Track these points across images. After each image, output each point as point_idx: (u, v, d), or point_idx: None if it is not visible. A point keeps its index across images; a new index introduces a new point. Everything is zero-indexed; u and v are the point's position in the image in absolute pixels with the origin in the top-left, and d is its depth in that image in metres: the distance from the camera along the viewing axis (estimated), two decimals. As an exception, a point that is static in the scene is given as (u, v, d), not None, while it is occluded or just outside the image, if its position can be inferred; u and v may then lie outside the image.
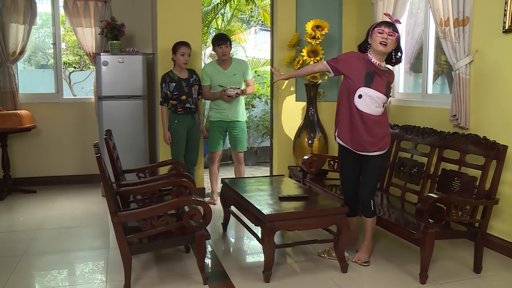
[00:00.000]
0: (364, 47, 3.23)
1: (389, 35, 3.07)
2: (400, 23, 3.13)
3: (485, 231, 3.17)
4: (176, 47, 4.57)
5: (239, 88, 4.69)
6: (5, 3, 5.26)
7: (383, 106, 3.16)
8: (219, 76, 4.77)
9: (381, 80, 3.12)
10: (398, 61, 3.28)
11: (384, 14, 3.50)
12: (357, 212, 3.41)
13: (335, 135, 3.35)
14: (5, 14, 5.27)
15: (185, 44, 4.58)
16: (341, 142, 3.28)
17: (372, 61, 3.15)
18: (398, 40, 3.15)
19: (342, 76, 3.30)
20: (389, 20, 3.17)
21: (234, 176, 5.03)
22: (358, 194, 3.32)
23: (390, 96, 3.40)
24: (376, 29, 3.11)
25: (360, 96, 3.10)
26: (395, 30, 3.10)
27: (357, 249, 3.43)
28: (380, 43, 3.07)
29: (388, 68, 3.30)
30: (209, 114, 5.04)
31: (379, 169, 3.29)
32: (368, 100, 3.10)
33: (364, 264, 3.28)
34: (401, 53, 3.26)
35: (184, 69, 4.66)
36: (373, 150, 3.16)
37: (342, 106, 3.23)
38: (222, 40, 4.72)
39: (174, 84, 4.56)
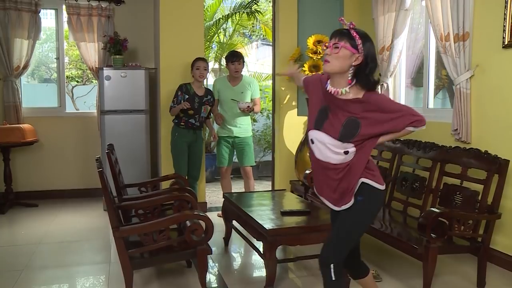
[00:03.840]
0: None
1: (334, 47, 2.12)
2: (353, 25, 2.14)
3: (488, 245, 3.15)
4: (193, 62, 4.65)
5: (251, 102, 4.79)
6: (11, 18, 5.33)
7: (347, 152, 2.17)
8: (227, 91, 4.85)
9: (336, 118, 2.17)
10: (363, 81, 2.14)
11: (338, 19, 2.36)
12: (362, 272, 2.47)
13: None
14: (10, 29, 5.33)
15: (201, 59, 4.67)
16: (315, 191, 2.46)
17: (327, 89, 2.20)
18: (361, 50, 2.10)
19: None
20: (345, 26, 2.17)
21: (244, 191, 5.03)
22: (354, 253, 2.40)
23: (361, 139, 2.16)
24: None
25: (312, 141, 2.27)
26: (344, 37, 2.11)
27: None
28: (324, 62, 2.17)
29: (367, 92, 2.16)
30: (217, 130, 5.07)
31: (351, 226, 2.27)
32: (321, 146, 2.23)
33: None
34: (370, 71, 2.13)
35: (202, 86, 4.73)
36: (339, 206, 2.27)
37: None
38: (235, 57, 4.82)
39: (187, 97, 4.60)
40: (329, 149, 2.19)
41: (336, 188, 2.24)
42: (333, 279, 2.20)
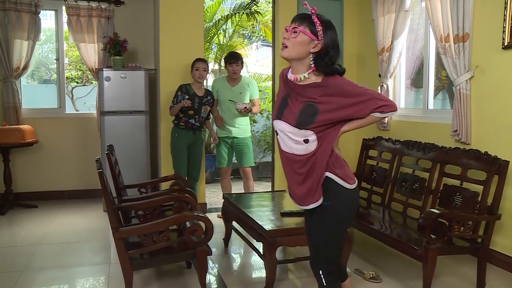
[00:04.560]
0: None
1: (292, 31, 2.03)
2: (315, 10, 2.07)
3: (487, 246, 3.15)
4: (193, 63, 4.66)
5: (248, 103, 4.80)
6: (11, 19, 5.33)
7: (307, 141, 2.04)
8: (225, 92, 4.86)
9: (295, 105, 2.07)
10: (321, 69, 2.02)
11: (302, 4, 2.19)
12: (341, 277, 2.40)
13: None
14: (10, 30, 5.33)
15: (200, 60, 4.68)
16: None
17: (288, 77, 2.14)
18: (321, 38, 2.00)
19: None
20: (307, 11, 2.08)
21: (243, 192, 5.03)
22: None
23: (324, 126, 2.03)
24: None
25: (277, 133, 2.18)
26: (305, 22, 2.03)
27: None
28: (282, 47, 2.09)
29: (326, 76, 2.04)
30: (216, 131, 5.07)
31: (327, 235, 2.16)
32: (284, 137, 2.12)
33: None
34: (330, 59, 2.01)
35: (201, 87, 4.73)
36: (306, 204, 2.15)
37: None
38: (233, 59, 4.83)
39: (187, 97, 4.60)
40: (290, 138, 2.07)
41: (302, 183, 2.10)
42: (324, 284, 2.14)
